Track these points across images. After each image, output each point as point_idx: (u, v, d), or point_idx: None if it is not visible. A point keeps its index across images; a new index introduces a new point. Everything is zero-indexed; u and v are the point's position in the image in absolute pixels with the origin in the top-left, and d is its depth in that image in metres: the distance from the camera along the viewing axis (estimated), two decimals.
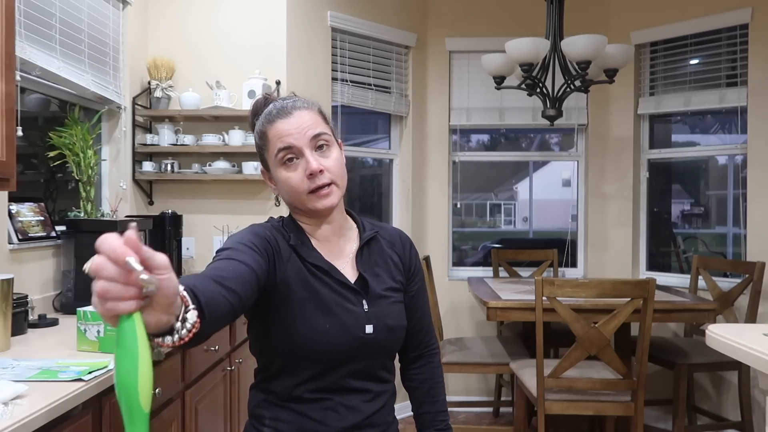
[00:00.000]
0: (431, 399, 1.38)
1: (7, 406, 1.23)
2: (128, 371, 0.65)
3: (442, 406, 1.38)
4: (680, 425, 3.16)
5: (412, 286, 1.35)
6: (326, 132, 1.22)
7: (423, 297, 1.38)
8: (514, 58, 3.17)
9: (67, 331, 1.96)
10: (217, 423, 2.44)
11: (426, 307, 1.39)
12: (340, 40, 3.75)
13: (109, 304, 0.65)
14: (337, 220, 1.27)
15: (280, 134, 1.20)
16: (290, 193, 1.22)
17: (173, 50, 3.27)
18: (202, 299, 0.86)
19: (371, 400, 1.23)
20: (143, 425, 0.67)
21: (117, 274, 0.65)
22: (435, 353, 1.42)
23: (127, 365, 0.65)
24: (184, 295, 0.82)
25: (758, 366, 1.56)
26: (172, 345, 0.80)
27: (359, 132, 4.32)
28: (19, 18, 2.19)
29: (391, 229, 1.38)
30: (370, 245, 1.30)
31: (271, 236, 1.19)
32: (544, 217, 4.73)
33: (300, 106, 1.22)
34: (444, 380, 1.42)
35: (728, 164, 3.92)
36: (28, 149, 2.60)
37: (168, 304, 0.71)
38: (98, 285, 0.65)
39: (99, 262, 0.66)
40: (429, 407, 1.37)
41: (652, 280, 2.62)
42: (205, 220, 3.28)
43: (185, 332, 0.80)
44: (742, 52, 3.66)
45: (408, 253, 1.36)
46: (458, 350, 3.37)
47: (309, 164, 1.18)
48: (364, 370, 1.23)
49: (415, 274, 1.36)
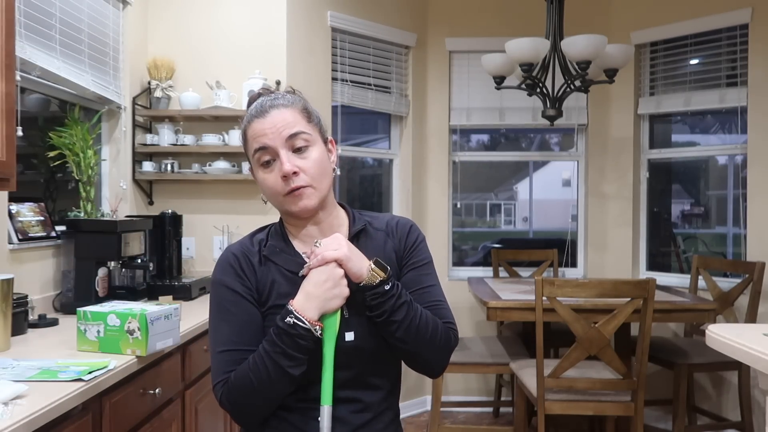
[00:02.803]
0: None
1: (7, 406, 1.23)
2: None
3: (412, 306, 1.18)
4: (680, 425, 3.16)
5: (408, 261, 1.26)
6: (305, 131, 1.19)
7: (425, 274, 1.26)
8: (514, 58, 3.17)
9: (67, 331, 1.96)
10: (217, 423, 2.44)
11: (433, 288, 1.26)
12: (340, 40, 3.75)
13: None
14: (325, 221, 1.25)
15: (256, 134, 1.18)
16: (268, 194, 1.21)
17: (173, 50, 3.27)
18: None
19: (360, 411, 1.19)
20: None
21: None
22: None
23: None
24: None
25: (758, 366, 1.56)
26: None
27: (359, 132, 4.32)
28: (19, 18, 2.19)
29: (387, 218, 1.32)
30: (360, 239, 1.25)
31: (235, 261, 1.22)
32: (544, 217, 4.73)
33: (279, 104, 1.19)
34: (435, 323, 1.20)
35: (728, 164, 3.92)
36: (28, 149, 2.60)
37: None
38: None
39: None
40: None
41: (652, 280, 2.62)
42: (205, 220, 3.28)
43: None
44: (742, 51, 3.66)
45: (404, 236, 1.28)
46: (458, 350, 3.37)
47: (282, 166, 1.16)
48: (352, 379, 1.19)
49: (412, 250, 1.27)
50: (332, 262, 1.14)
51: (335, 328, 1.15)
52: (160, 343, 1.76)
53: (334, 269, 1.14)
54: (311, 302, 1.13)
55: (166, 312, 1.78)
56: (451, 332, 1.23)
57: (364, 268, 1.15)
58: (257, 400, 1.14)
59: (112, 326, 1.70)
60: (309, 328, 1.11)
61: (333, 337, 1.15)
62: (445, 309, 1.25)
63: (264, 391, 1.13)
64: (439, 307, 1.24)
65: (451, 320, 1.25)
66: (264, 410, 1.17)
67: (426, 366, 1.23)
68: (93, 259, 2.42)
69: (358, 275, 1.15)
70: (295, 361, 1.12)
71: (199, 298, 2.82)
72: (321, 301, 1.13)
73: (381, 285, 1.14)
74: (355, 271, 1.15)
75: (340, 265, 1.14)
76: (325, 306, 1.13)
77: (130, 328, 1.69)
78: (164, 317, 1.76)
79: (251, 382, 1.12)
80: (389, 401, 1.25)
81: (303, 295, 1.14)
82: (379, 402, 1.22)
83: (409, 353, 1.20)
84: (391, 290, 1.15)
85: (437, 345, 1.20)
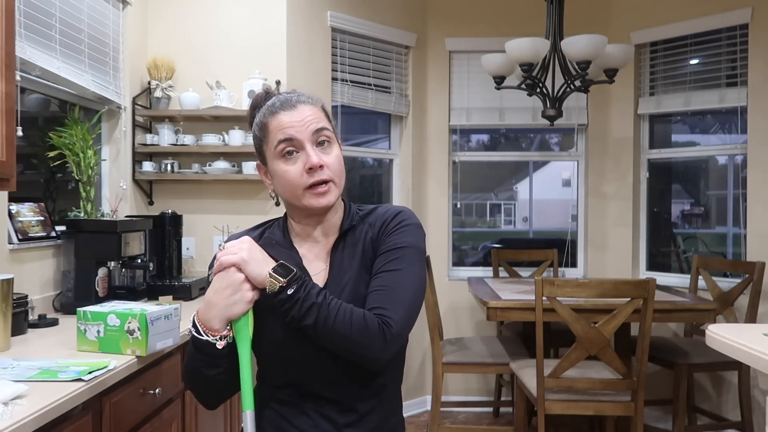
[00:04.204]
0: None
1: (7, 406, 1.23)
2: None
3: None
4: (680, 425, 3.16)
5: (379, 246, 1.19)
6: (328, 128, 1.20)
7: (391, 260, 1.17)
8: (514, 58, 3.17)
9: (67, 331, 1.96)
10: (217, 423, 2.44)
11: (388, 274, 1.15)
12: (340, 40, 3.75)
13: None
14: (330, 220, 1.25)
15: (282, 126, 1.17)
16: (287, 187, 1.19)
17: (173, 50, 3.27)
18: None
19: (346, 411, 1.18)
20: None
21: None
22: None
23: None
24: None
25: (758, 366, 1.56)
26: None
27: (359, 132, 4.32)
28: (19, 18, 2.19)
29: (383, 209, 1.26)
30: (347, 237, 1.23)
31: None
32: (544, 217, 4.74)
33: (304, 100, 1.21)
34: (351, 317, 1.10)
35: (728, 164, 3.92)
36: (28, 149, 2.60)
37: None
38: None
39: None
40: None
41: (652, 280, 2.62)
42: (205, 220, 3.28)
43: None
44: (742, 52, 3.66)
45: (385, 224, 1.21)
46: (458, 350, 3.37)
47: (310, 158, 1.16)
48: (335, 379, 1.17)
49: (387, 235, 1.20)
50: (231, 267, 1.13)
51: (248, 331, 1.14)
52: (160, 343, 1.76)
53: (234, 274, 1.13)
54: (212, 311, 1.14)
55: (166, 312, 1.78)
56: (374, 320, 1.10)
57: (263, 273, 1.12)
58: (197, 388, 1.23)
59: (112, 326, 1.70)
60: (208, 341, 1.13)
61: (246, 340, 1.14)
62: (386, 295, 1.13)
63: (197, 382, 1.21)
64: (379, 293, 1.13)
65: (385, 306, 1.11)
66: (211, 395, 1.25)
67: (361, 361, 1.12)
68: (93, 259, 2.42)
69: (258, 281, 1.13)
70: (207, 363, 1.15)
71: (199, 298, 2.82)
72: (221, 309, 1.13)
73: (282, 291, 1.11)
74: (254, 277, 1.13)
75: (239, 270, 1.13)
76: (226, 313, 1.13)
77: (130, 328, 1.69)
78: (164, 317, 1.76)
79: (187, 372, 1.22)
80: (378, 401, 1.21)
81: (204, 305, 1.15)
82: (365, 403, 1.19)
83: (338, 351, 1.12)
84: (296, 294, 1.10)
85: (357, 338, 1.09)
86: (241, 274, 1.13)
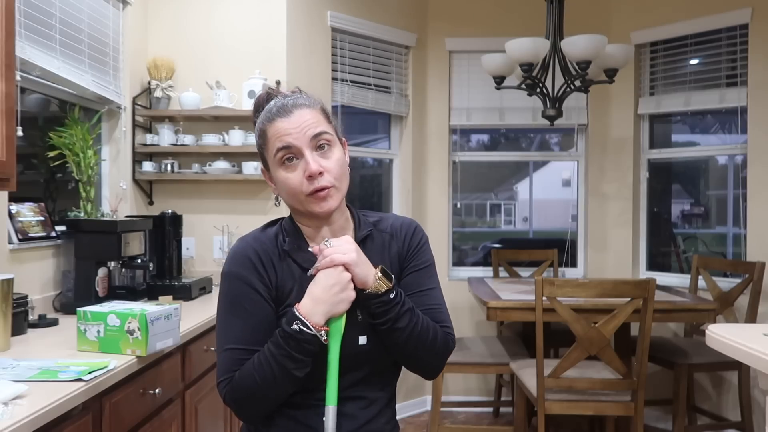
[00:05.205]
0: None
1: (7, 406, 1.23)
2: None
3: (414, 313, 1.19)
4: (680, 425, 3.16)
5: (410, 264, 1.26)
6: (327, 131, 1.19)
7: (426, 277, 1.27)
8: (514, 58, 3.17)
9: (67, 331, 1.96)
10: (217, 423, 2.44)
11: (433, 291, 1.26)
12: (340, 40, 3.75)
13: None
14: (338, 222, 1.24)
15: (279, 133, 1.17)
16: (289, 194, 1.20)
17: (173, 50, 3.27)
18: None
19: (367, 407, 1.21)
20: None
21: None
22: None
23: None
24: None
25: (758, 366, 1.56)
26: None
27: (359, 132, 4.32)
28: (19, 18, 2.19)
29: (392, 219, 1.31)
30: (366, 244, 1.25)
31: (255, 255, 1.20)
32: (544, 217, 4.74)
33: (301, 104, 1.19)
34: (434, 329, 1.21)
35: (728, 164, 3.93)
36: (28, 149, 2.60)
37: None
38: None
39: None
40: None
41: (652, 280, 2.62)
42: (205, 220, 3.28)
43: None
44: (742, 52, 3.66)
45: (408, 238, 1.28)
46: (458, 350, 3.37)
47: (308, 165, 1.15)
48: (361, 379, 1.20)
49: (415, 252, 1.27)
50: (340, 266, 1.14)
51: (341, 331, 1.15)
52: (160, 343, 1.76)
53: (342, 273, 1.14)
54: (318, 307, 1.13)
55: (166, 312, 1.78)
56: (448, 337, 1.24)
57: (371, 275, 1.15)
58: (260, 399, 1.15)
59: (112, 326, 1.70)
60: (315, 334, 1.12)
61: (338, 340, 1.15)
62: (443, 313, 1.25)
63: (267, 391, 1.14)
64: (437, 311, 1.24)
65: (448, 324, 1.25)
66: (266, 408, 1.18)
67: (424, 369, 1.25)
68: (93, 259, 2.42)
69: (363, 282, 1.15)
70: (300, 363, 1.12)
71: (199, 298, 2.82)
72: (328, 306, 1.13)
73: (386, 294, 1.15)
74: (361, 278, 1.15)
75: (347, 269, 1.14)
76: (332, 310, 1.14)
77: (130, 328, 1.69)
78: (164, 317, 1.76)
79: (255, 382, 1.13)
80: (389, 395, 1.27)
81: (310, 300, 1.14)
82: (381, 397, 1.24)
83: (408, 357, 1.22)
84: (396, 298, 1.16)
85: (436, 350, 1.21)
86: (348, 274, 1.14)
